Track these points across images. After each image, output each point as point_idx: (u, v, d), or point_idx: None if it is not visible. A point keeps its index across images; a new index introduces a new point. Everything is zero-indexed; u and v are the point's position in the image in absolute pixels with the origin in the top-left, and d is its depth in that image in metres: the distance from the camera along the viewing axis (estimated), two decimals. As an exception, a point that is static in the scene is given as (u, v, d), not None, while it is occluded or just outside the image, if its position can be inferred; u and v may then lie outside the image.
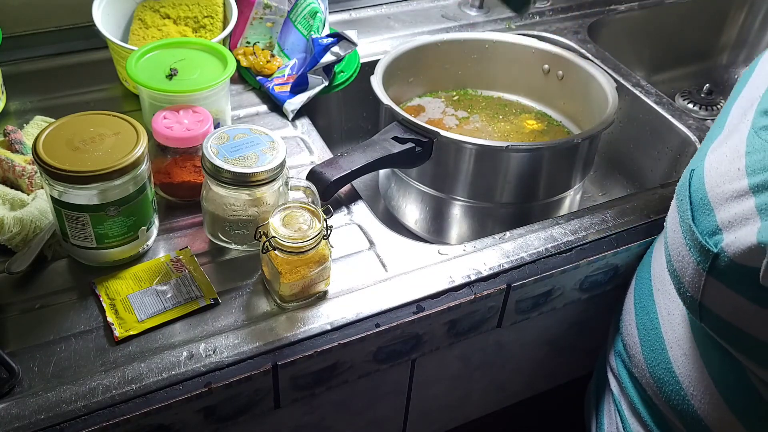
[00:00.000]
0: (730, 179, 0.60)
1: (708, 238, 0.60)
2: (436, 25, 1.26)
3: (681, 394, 0.69)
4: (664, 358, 0.71)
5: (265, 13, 1.09)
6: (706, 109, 1.31)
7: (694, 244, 0.62)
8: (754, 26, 1.48)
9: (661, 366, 0.71)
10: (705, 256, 0.60)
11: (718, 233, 0.59)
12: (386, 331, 0.75)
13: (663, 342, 0.72)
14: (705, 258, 0.60)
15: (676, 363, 0.70)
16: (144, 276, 0.77)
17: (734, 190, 0.59)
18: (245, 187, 0.76)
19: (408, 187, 1.02)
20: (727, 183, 0.60)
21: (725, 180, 0.61)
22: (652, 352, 0.73)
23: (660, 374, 0.72)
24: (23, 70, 1.06)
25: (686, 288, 0.64)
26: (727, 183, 0.60)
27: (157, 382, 0.67)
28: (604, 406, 0.85)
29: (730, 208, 0.59)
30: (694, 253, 0.62)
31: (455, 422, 1.00)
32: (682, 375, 0.69)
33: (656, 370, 0.72)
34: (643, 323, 0.76)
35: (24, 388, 0.66)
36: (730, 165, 0.61)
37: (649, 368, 0.73)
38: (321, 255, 0.74)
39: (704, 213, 0.62)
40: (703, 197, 0.62)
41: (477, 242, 0.85)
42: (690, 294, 0.64)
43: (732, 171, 0.60)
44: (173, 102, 0.86)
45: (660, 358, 0.72)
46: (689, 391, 0.68)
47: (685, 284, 0.64)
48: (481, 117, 1.11)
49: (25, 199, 0.81)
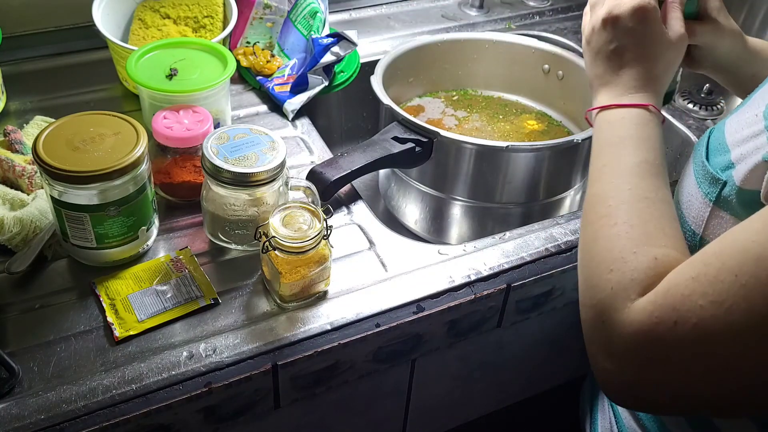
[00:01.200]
0: (748, 124, 0.62)
1: (720, 172, 0.62)
2: (436, 25, 1.26)
3: None
4: None
5: (265, 13, 1.09)
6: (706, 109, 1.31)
7: (705, 178, 0.64)
8: (754, 26, 1.47)
9: None
10: (714, 186, 0.62)
11: (730, 167, 0.61)
12: (386, 331, 0.75)
13: None
14: (713, 189, 0.62)
15: None
16: (144, 276, 0.77)
17: (751, 132, 0.61)
18: (245, 187, 0.76)
19: (408, 187, 1.02)
20: (745, 128, 0.62)
21: (743, 126, 0.62)
22: None
23: None
24: (23, 70, 1.06)
25: (689, 225, 0.66)
26: (746, 128, 0.62)
27: (157, 382, 0.67)
28: (597, 403, 0.86)
29: (745, 146, 0.61)
30: (704, 187, 0.64)
31: (455, 422, 1.00)
32: None
33: None
34: None
35: (24, 388, 0.66)
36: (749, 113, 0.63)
37: None
38: (321, 255, 0.74)
39: (720, 154, 0.63)
40: (721, 143, 0.64)
41: (477, 242, 0.85)
42: (692, 230, 0.65)
43: (750, 118, 0.62)
44: (173, 102, 0.86)
45: None
46: None
47: (689, 221, 0.66)
48: (481, 117, 1.11)
49: (25, 199, 0.81)
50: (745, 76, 0.82)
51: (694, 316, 0.51)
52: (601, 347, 0.58)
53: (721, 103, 1.32)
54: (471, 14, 1.30)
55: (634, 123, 0.68)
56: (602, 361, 0.58)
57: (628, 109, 0.69)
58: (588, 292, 0.60)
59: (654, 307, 0.54)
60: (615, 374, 0.57)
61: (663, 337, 0.53)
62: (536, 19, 1.31)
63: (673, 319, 0.52)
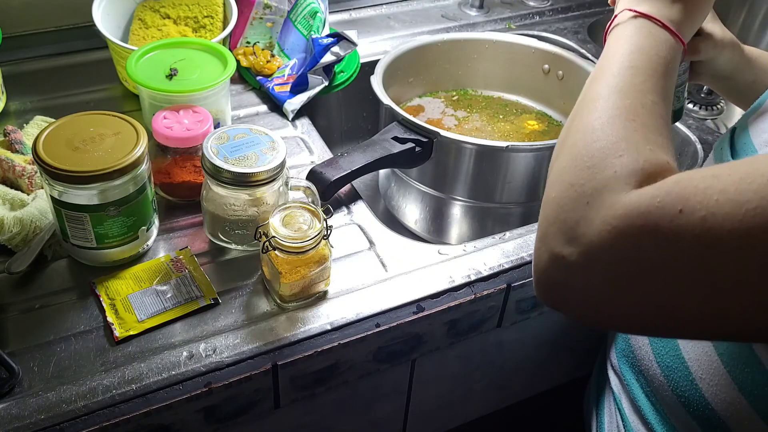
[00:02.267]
0: None
1: None
2: (436, 25, 1.26)
3: (689, 380, 0.69)
4: (672, 345, 0.72)
5: (265, 13, 1.09)
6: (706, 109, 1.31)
7: None
8: (754, 26, 1.47)
9: (670, 354, 0.72)
10: None
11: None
12: (386, 331, 0.75)
13: None
14: None
15: (684, 349, 0.70)
16: (144, 276, 0.77)
17: None
18: (245, 187, 0.76)
19: (408, 187, 1.02)
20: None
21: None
22: (659, 340, 0.73)
23: (669, 362, 0.72)
24: (23, 70, 1.06)
25: None
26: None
27: (157, 382, 0.67)
28: (604, 404, 0.85)
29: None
30: None
31: (455, 422, 1.00)
32: (690, 360, 0.69)
33: (665, 359, 0.73)
34: None
35: (24, 388, 0.66)
36: None
37: (658, 358, 0.74)
38: (321, 255, 0.74)
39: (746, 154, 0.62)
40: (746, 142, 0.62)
41: (477, 242, 0.85)
42: None
43: None
44: (173, 102, 0.86)
45: (669, 346, 0.72)
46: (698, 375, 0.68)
47: None
48: (481, 117, 1.11)
49: (25, 199, 0.81)
50: (745, 83, 0.82)
51: (705, 209, 0.46)
52: (568, 228, 0.51)
53: (721, 103, 1.32)
54: (471, 14, 1.30)
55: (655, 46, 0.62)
56: (560, 248, 0.51)
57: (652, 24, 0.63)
58: (576, 170, 0.54)
59: (657, 191, 0.48)
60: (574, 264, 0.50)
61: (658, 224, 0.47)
62: (536, 19, 1.31)
63: (679, 207, 0.47)
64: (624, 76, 0.60)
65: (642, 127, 0.55)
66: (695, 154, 1.05)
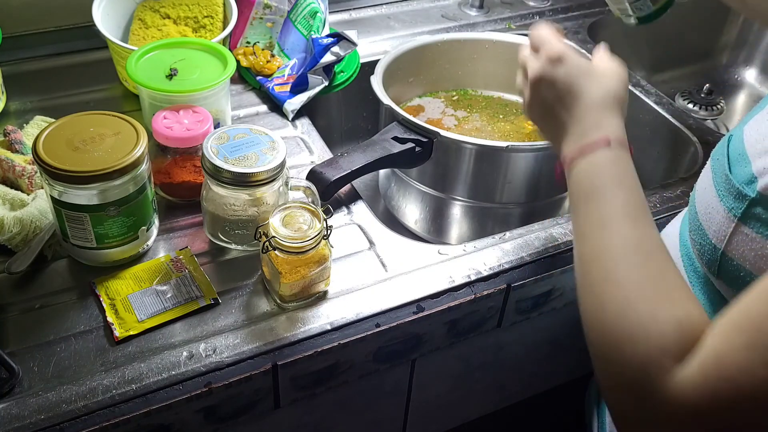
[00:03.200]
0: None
1: (745, 186, 0.61)
2: (436, 25, 1.26)
3: None
4: None
5: (265, 13, 1.09)
6: (706, 109, 1.31)
7: (729, 192, 0.62)
8: (754, 26, 1.47)
9: None
10: (740, 201, 0.61)
11: (753, 182, 0.60)
12: (386, 331, 0.75)
13: None
14: (739, 204, 0.61)
15: None
16: (144, 276, 0.77)
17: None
18: (245, 187, 0.76)
19: (408, 187, 1.02)
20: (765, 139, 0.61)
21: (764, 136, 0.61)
22: None
23: None
24: (23, 70, 1.06)
25: (710, 239, 0.64)
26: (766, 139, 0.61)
27: (157, 382, 0.67)
28: (605, 405, 0.85)
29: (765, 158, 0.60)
30: (727, 201, 0.62)
31: (455, 422, 1.00)
32: None
33: None
34: None
35: (24, 388, 0.66)
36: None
37: None
38: (321, 255, 0.74)
39: (741, 165, 0.62)
40: (741, 153, 0.63)
41: (477, 242, 0.85)
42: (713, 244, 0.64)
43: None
44: (173, 102, 0.86)
45: None
46: None
47: (709, 235, 0.65)
48: (482, 117, 1.11)
49: (25, 199, 0.81)
50: None
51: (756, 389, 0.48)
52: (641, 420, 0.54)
53: (721, 103, 1.32)
54: (471, 14, 1.30)
55: (601, 167, 0.65)
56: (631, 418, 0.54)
57: (590, 155, 0.66)
58: (610, 370, 0.56)
59: (704, 380, 0.50)
60: None
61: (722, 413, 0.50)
62: (536, 19, 1.31)
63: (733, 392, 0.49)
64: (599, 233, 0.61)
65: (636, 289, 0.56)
66: (695, 155, 1.05)
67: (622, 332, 0.55)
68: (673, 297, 0.56)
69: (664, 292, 0.56)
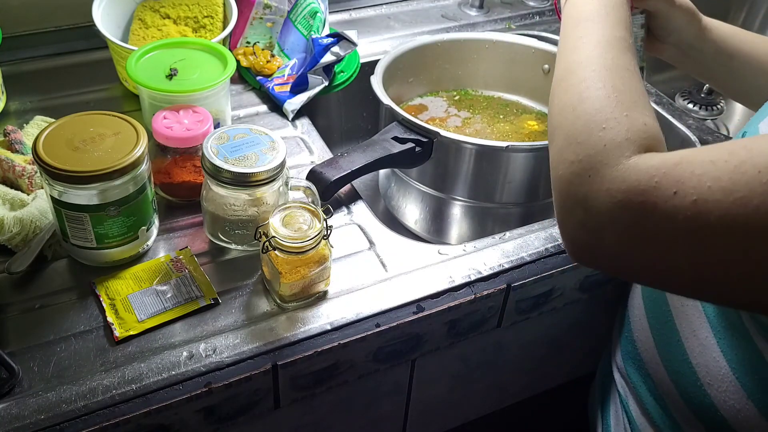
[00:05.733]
0: None
1: None
2: (436, 25, 1.26)
3: (697, 385, 0.69)
4: (680, 350, 0.71)
5: (265, 13, 1.10)
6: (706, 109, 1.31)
7: None
8: (754, 26, 1.47)
9: (678, 359, 0.72)
10: None
11: None
12: (386, 331, 0.75)
13: (678, 334, 0.72)
14: None
15: (692, 354, 0.70)
16: (144, 276, 0.77)
17: None
18: (245, 187, 0.76)
19: (408, 187, 1.02)
20: None
21: None
22: (667, 345, 0.73)
23: (677, 367, 0.72)
24: (23, 70, 1.06)
25: None
26: None
27: (157, 382, 0.67)
28: (610, 407, 0.85)
29: None
30: None
31: (455, 422, 1.00)
32: (698, 365, 0.69)
33: (673, 364, 0.73)
34: (655, 317, 0.76)
35: (24, 388, 0.66)
36: None
37: (665, 362, 0.74)
38: (321, 255, 0.74)
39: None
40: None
41: (477, 242, 0.85)
42: None
43: None
44: (173, 102, 0.86)
45: (676, 351, 0.72)
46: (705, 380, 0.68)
47: None
48: (483, 117, 1.11)
49: (25, 199, 0.81)
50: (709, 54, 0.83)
51: (697, 194, 0.50)
52: (580, 198, 0.56)
53: (721, 103, 1.32)
54: (471, 14, 1.30)
55: (610, 2, 0.68)
56: (577, 212, 0.56)
57: None
58: (571, 148, 0.58)
59: (656, 171, 0.53)
60: (589, 226, 0.56)
61: (655, 202, 0.52)
62: (536, 19, 1.31)
63: (674, 189, 0.51)
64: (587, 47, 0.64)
65: (617, 93, 0.60)
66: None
67: (594, 120, 0.58)
68: (644, 107, 0.60)
69: (639, 103, 0.60)
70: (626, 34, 0.66)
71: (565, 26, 0.69)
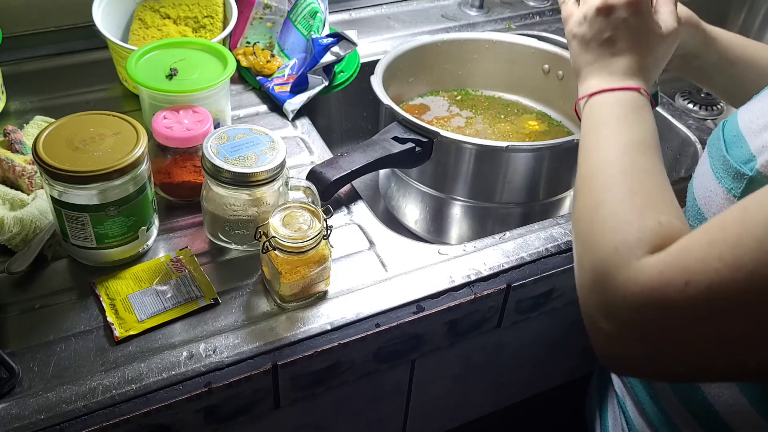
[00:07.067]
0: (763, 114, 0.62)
1: (742, 165, 0.62)
2: (436, 25, 1.26)
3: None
4: None
5: (265, 13, 1.10)
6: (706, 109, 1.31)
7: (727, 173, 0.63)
8: (754, 26, 1.48)
9: None
10: (738, 181, 0.62)
11: (751, 160, 0.61)
12: (386, 331, 0.75)
13: None
14: (738, 183, 0.62)
15: None
16: (144, 276, 0.77)
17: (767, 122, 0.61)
18: (245, 187, 0.76)
19: (408, 187, 1.02)
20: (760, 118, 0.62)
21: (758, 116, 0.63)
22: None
23: None
24: (23, 70, 1.06)
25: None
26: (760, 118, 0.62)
27: (157, 382, 0.67)
28: (607, 406, 0.85)
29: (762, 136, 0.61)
30: (726, 182, 0.63)
31: (455, 422, 1.00)
32: None
33: None
34: None
35: (24, 388, 0.66)
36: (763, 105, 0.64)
37: None
38: (321, 255, 0.74)
39: (738, 146, 0.63)
40: (737, 134, 0.64)
41: (477, 242, 0.85)
42: None
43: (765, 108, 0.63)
44: (173, 102, 0.86)
45: None
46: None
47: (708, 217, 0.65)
48: (484, 117, 1.11)
49: (25, 199, 0.81)
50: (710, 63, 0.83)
51: (708, 279, 0.50)
52: (601, 308, 0.56)
53: (721, 103, 1.32)
54: (471, 14, 1.30)
55: (630, 105, 0.68)
56: (601, 324, 0.56)
57: (622, 92, 0.69)
58: (587, 252, 0.59)
59: (664, 266, 0.53)
60: (615, 337, 0.56)
61: (672, 298, 0.52)
62: (536, 19, 1.31)
63: (684, 280, 0.51)
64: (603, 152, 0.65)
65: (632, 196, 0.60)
66: (695, 155, 1.05)
67: (608, 225, 0.59)
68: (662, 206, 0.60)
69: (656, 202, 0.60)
70: (647, 135, 0.65)
71: (585, 129, 0.69)
